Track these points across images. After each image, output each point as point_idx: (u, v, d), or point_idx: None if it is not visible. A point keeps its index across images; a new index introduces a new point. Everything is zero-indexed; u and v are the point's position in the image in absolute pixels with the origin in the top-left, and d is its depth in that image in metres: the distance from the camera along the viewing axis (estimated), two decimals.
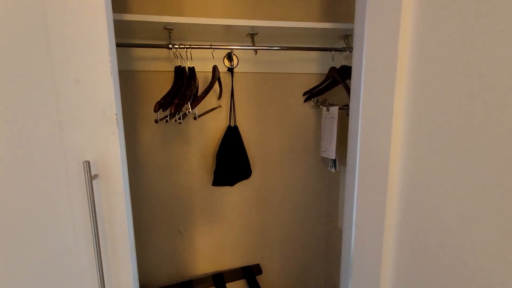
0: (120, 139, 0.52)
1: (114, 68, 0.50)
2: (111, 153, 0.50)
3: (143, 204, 1.21)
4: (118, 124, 0.51)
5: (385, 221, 0.53)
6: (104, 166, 0.50)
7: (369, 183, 0.58)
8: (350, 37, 1.06)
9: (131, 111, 1.13)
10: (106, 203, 0.51)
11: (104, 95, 0.49)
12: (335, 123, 1.00)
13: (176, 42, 0.93)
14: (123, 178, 0.51)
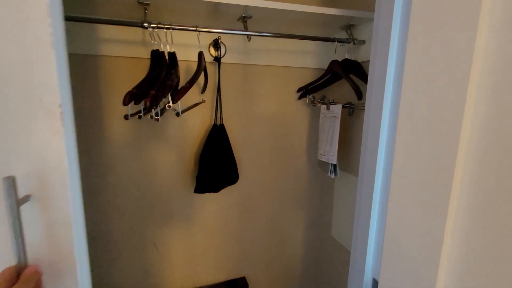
0: (68, 142, 0.35)
1: (58, 38, 0.34)
2: (52, 163, 0.34)
3: (112, 213, 1.03)
4: (64, 121, 0.35)
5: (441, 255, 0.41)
6: (42, 183, 0.33)
7: (413, 202, 0.46)
8: (354, 27, 0.95)
9: (97, 104, 0.94)
10: (44, 239, 0.34)
11: (41, 76, 0.32)
12: (336, 124, 0.88)
13: (153, 21, 0.76)
14: (71, 200, 0.35)
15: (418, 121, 0.44)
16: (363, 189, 0.61)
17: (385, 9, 0.54)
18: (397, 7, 0.52)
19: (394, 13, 0.52)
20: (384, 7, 0.53)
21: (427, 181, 0.43)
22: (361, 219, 0.62)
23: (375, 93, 0.56)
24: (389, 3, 0.52)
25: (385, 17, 0.53)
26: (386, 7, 0.53)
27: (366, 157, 0.59)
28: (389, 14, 0.53)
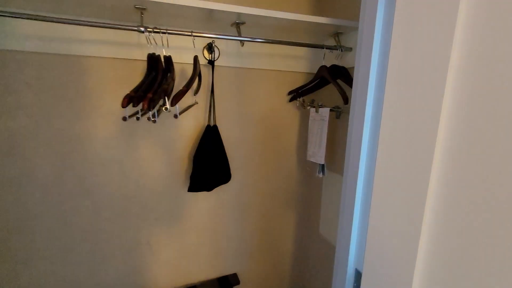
0: None
1: None
2: None
3: (103, 212, 1.04)
4: None
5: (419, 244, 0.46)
6: None
7: (394, 198, 0.51)
8: (341, 35, 1.00)
9: (94, 104, 0.95)
10: None
11: None
12: (325, 126, 0.93)
13: (149, 26, 0.79)
14: None
15: (398, 124, 0.49)
16: (347, 187, 0.66)
17: (368, 20, 0.59)
18: (379, 18, 0.57)
19: (376, 23, 0.57)
20: (367, 17, 0.58)
21: (406, 180, 0.48)
22: (345, 215, 0.66)
23: (359, 98, 0.61)
24: (371, 14, 0.57)
25: (368, 27, 0.59)
26: (369, 18, 0.58)
27: (350, 157, 0.64)
28: (372, 24, 0.58)
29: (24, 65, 0.87)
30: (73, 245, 1.02)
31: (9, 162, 0.90)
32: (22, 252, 0.96)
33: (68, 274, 1.04)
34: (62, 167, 0.96)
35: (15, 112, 0.88)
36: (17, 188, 0.92)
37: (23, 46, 0.84)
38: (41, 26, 0.84)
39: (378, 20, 0.57)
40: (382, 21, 0.57)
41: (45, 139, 0.92)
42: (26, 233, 0.96)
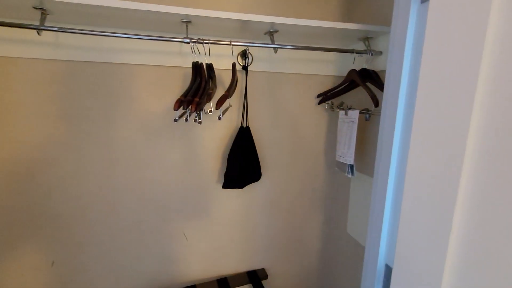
0: None
1: None
2: None
3: (148, 204, 1.15)
4: None
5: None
6: None
7: (424, 196, 0.54)
8: (371, 39, 1.03)
9: (136, 107, 1.07)
10: None
11: None
12: (354, 128, 0.96)
13: (193, 37, 0.88)
14: None
15: (429, 127, 0.52)
16: (378, 186, 0.69)
17: (400, 25, 0.62)
18: (411, 23, 0.60)
19: (408, 28, 0.60)
20: (399, 23, 0.62)
21: (437, 179, 0.51)
22: (375, 211, 0.70)
23: (390, 101, 0.65)
24: (404, 19, 0.60)
25: (400, 32, 0.62)
26: (401, 23, 0.61)
27: (381, 158, 0.68)
28: (404, 30, 0.61)
29: (86, 74, 1.00)
30: (119, 234, 1.14)
31: (70, 158, 1.03)
32: (78, 237, 1.10)
33: (114, 260, 1.16)
34: (113, 163, 1.08)
35: (78, 115, 1.01)
36: (76, 181, 1.06)
37: (84, 57, 0.97)
38: (97, 39, 0.97)
39: (410, 25, 0.60)
40: (414, 26, 0.60)
41: (100, 138, 1.05)
42: (81, 221, 1.09)
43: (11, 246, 1.03)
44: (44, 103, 0.97)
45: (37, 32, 0.75)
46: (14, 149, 0.97)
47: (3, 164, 0.97)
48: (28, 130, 0.98)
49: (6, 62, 0.92)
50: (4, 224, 1.01)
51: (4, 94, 0.94)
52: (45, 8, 0.75)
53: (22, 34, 0.89)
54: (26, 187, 1.01)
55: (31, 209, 1.03)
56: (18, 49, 0.91)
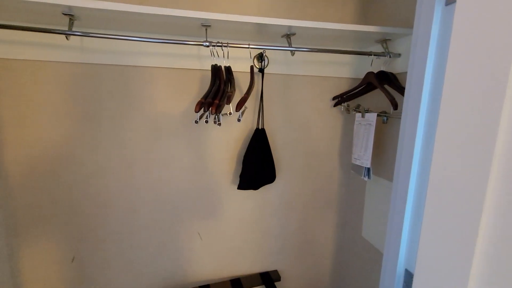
0: None
1: None
2: None
3: (165, 204, 1.18)
4: None
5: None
6: None
7: (449, 201, 0.54)
8: (389, 41, 1.02)
9: (155, 108, 1.09)
10: None
11: None
12: (371, 131, 0.96)
13: (212, 40, 0.89)
14: None
15: (455, 131, 0.51)
16: (398, 190, 0.68)
17: (423, 27, 0.61)
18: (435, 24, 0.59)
19: (432, 30, 0.59)
20: (422, 25, 0.61)
21: (462, 186, 0.50)
22: (395, 216, 0.69)
23: (412, 104, 0.64)
24: (427, 22, 0.60)
25: (423, 35, 0.61)
26: (424, 25, 0.61)
27: (402, 163, 0.67)
28: (427, 32, 0.60)
29: (107, 76, 1.03)
30: (137, 232, 1.17)
31: (91, 157, 1.07)
32: (97, 234, 1.13)
33: (132, 258, 1.19)
34: (131, 163, 1.11)
35: (99, 115, 1.05)
36: (97, 180, 1.09)
37: (105, 60, 1.01)
38: (119, 43, 1.00)
39: (434, 27, 0.59)
40: (438, 29, 0.59)
41: (119, 138, 1.08)
42: (101, 219, 1.13)
43: (36, 241, 1.08)
44: (67, 104, 1.02)
45: (66, 37, 0.78)
46: (39, 148, 1.02)
47: (29, 161, 1.02)
48: (53, 130, 1.02)
49: (35, 65, 0.96)
50: (29, 220, 1.06)
51: (32, 95, 0.98)
52: (73, 14, 0.78)
53: (50, 38, 0.94)
54: (50, 185, 1.05)
55: (54, 206, 1.07)
56: (47, 53, 0.95)
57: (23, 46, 0.93)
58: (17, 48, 0.93)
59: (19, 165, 1.01)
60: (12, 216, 1.04)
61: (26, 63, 0.95)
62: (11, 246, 1.06)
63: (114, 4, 0.73)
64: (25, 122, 0.99)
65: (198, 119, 0.78)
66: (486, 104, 0.46)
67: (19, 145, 1.00)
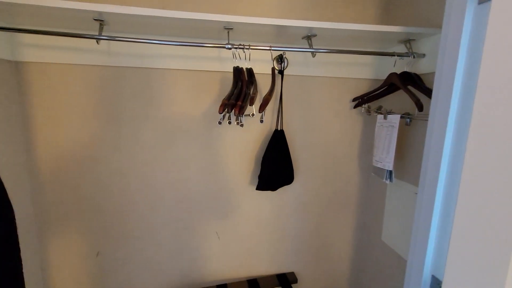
0: None
1: None
2: None
3: (184, 203, 1.20)
4: None
5: None
6: None
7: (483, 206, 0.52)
8: (413, 42, 1.00)
9: (176, 109, 1.12)
10: None
11: None
12: (394, 133, 0.94)
13: (234, 42, 0.91)
14: None
15: (489, 134, 0.50)
16: (425, 195, 0.67)
17: (454, 26, 0.60)
18: (467, 23, 0.58)
19: (463, 29, 0.58)
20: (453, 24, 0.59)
21: (497, 190, 0.48)
22: (421, 221, 0.67)
23: (440, 106, 0.63)
24: (458, 21, 0.58)
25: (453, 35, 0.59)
26: (455, 24, 0.59)
27: (429, 166, 0.65)
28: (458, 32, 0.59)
29: (131, 78, 1.07)
30: (157, 230, 1.20)
31: (115, 156, 1.11)
32: (120, 231, 1.17)
33: (152, 254, 1.22)
34: (152, 163, 1.14)
35: (123, 116, 1.09)
36: (119, 179, 1.13)
37: (130, 63, 1.04)
38: (143, 46, 1.03)
39: (466, 27, 0.58)
40: (470, 28, 0.57)
41: (141, 138, 1.12)
42: (123, 216, 1.16)
43: (63, 236, 1.13)
44: (94, 105, 1.06)
45: (97, 41, 0.82)
46: (67, 147, 1.07)
47: (58, 160, 1.07)
48: (80, 130, 1.06)
49: (66, 68, 1.01)
50: (57, 216, 1.11)
51: (62, 97, 1.03)
52: (103, 19, 0.81)
53: (81, 43, 0.98)
54: (77, 182, 1.10)
55: (79, 203, 1.12)
56: (77, 57, 1.00)
57: (55, 51, 0.98)
58: (50, 52, 0.98)
59: (49, 163, 1.06)
60: (43, 211, 1.09)
61: (58, 67, 1.00)
62: (42, 240, 1.12)
63: (143, 9, 0.76)
64: (55, 122, 1.04)
65: (221, 120, 0.79)
66: None
67: (50, 144, 1.05)
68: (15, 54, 0.96)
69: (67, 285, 1.17)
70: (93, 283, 1.19)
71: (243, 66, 0.94)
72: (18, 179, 1.01)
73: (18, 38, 0.96)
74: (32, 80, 1.00)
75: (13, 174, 0.98)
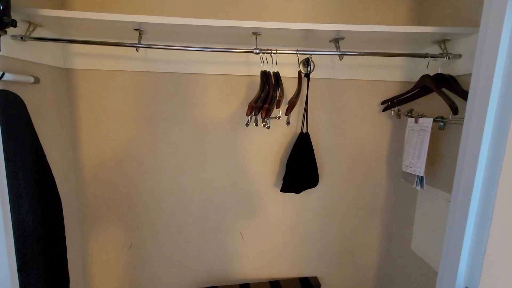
0: None
1: None
2: None
3: (210, 202, 1.25)
4: None
5: None
6: None
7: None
8: (448, 42, 0.96)
9: (206, 111, 1.17)
10: None
11: None
12: (426, 137, 0.90)
13: (262, 47, 0.93)
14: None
15: None
16: (458, 203, 0.64)
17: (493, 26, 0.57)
18: (507, 24, 0.55)
19: (503, 29, 0.55)
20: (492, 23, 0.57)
21: None
22: (453, 231, 0.64)
23: (477, 109, 0.60)
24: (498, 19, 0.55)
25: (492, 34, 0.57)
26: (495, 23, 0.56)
27: (463, 173, 0.62)
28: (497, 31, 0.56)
29: (164, 83, 1.14)
30: (185, 226, 1.26)
31: (148, 155, 1.19)
32: (152, 225, 1.25)
33: (180, 250, 1.28)
34: (182, 163, 1.20)
35: (157, 119, 1.16)
36: (152, 176, 1.21)
37: (165, 69, 1.12)
38: (177, 53, 1.10)
39: (506, 26, 0.55)
40: (511, 26, 0.55)
41: (172, 139, 1.18)
42: (155, 211, 1.24)
43: (101, 228, 1.23)
44: (131, 108, 1.15)
45: (136, 49, 0.89)
46: (107, 146, 1.16)
47: (98, 158, 1.17)
48: (118, 131, 1.16)
49: (107, 74, 1.11)
50: (96, 210, 1.21)
51: (103, 101, 1.13)
52: (142, 29, 0.89)
53: (121, 51, 1.07)
54: (114, 179, 1.19)
55: (116, 198, 1.21)
56: (117, 63, 1.09)
57: (99, 58, 1.08)
58: (95, 60, 1.08)
59: (91, 160, 1.17)
60: (84, 205, 1.20)
61: (101, 73, 1.10)
62: (82, 230, 1.22)
63: (177, 18, 0.81)
64: (97, 123, 1.14)
65: (248, 122, 0.82)
66: None
67: (92, 143, 1.15)
68: (66, 62, 1.07)
69: (102, 273, 1.27)
70: (125, 273, 1.27)
71: (270, 70, 0.96)
72: (65, 174, 1.12)
73: (68, 48, 1.07)
74: (79, 85, 1.11)
75: (61, 170, 1.09)
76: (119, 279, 1.28)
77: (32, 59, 0.90)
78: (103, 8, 1.06)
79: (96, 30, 0.95)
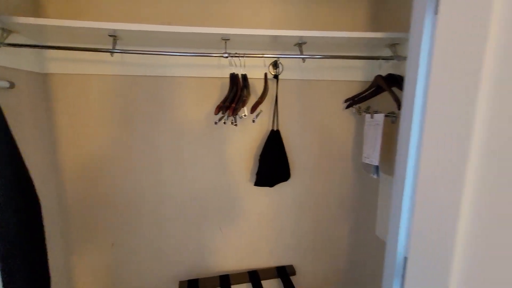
0: None
1: None
2: None
3: (189, 200, 1.31)
4: None
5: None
6: None
7: (434, 192, 0.60)
8: (398, 46, 1.07)
9: (181, 113, 1.24)
10: None
11: None
12: (379, 130, 1.01)
13: (230, 51, 1.01)
14: None
15: (438, 131, 0.58)
16: (396, 184, 0.74)
17: (416, 34, 0.68)
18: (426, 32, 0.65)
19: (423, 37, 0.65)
20: (416, 32, 0.67)
21: (444, 180, 0.56)
22: (394, 209, 0.75)
23: (407, 105, 0.70)
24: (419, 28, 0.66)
25: (415, 41, 0.68)
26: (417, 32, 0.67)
27: (399, 158, 0.73)
28: (419, 38, 0.67)
29: (141, 85, 1.20)
30: (165, 224, 1.31)
31: (128, 156, 1.23)
32: (132, 223, 1.29)
33: (161, 246, 1.33)
34: (161, 163, 1.26)
35: (135, 120, 1.22)
36: (132, 176, 1.25)
37: (141, 72, 1.17)
38: (153, 57, 1.16)
39: (425, 34, 0.66)
40: (429, 35, 0.65)
41: (151, 140, 1.24)
42: (135, 210, 1.28)
43: (83, 228, 1.26)
44: (109, 110, 1.19)
45: (111, 54, 0.95)
46: (87, 148, 1.20)
47: (78, 160, 1.20)
48: (97, 133, 1.20)
49: (84, 78, 1.15)
50: (77, 210, 1.24)
51: (81, 104, 1.17)
52: (116, 35, 0.94)
53: (97, 56, 1.12)
54: (95, 180, 1.23)
55: (97, 198, 1.25)
56: (93, 68, 1.14)
57: (76, 63, 1.12)
58: (72, 64, 1.12)
59: (71, 162, 1.20)
60: (65, 206, 1.23)
61: (78, 77, 1.14)
62: (64, 231, 1.25)
63: (150, 25, 0.88)
64: (76, 126, 1.18)
65: (217, 120, 0.90)
66: (461, 103, 0.52)
67: (72, 146, 1.19)
68: (43, 67, 1.11)
69: (86, 272, 1.30)
70: (108, 270, 1.31)
71: (239, 73, 1.04)
72: (45, 177, 1.15)
73: (45, 53, 1.10)
74: (56, 89, 1.14)
75: (41, 172, 1.12)
76: (102, 277, 1.31)
77: (8, 64, 0.94)
78: (78, 14, 1.10)
79: (71, 36, 0.99)
